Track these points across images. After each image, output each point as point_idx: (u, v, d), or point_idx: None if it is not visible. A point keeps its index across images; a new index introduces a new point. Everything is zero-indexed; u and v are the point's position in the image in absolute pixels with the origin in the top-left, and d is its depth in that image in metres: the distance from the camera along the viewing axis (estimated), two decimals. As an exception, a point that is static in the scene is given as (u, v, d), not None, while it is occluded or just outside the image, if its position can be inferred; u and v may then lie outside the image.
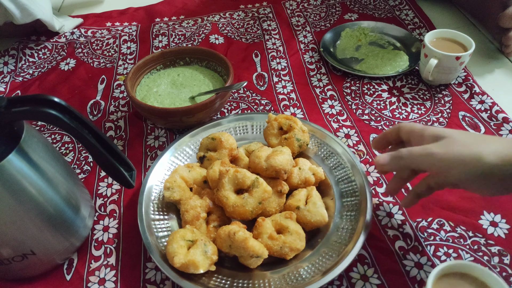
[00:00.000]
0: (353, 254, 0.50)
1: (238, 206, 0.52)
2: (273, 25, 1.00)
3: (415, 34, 0.94)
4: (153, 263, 0.55)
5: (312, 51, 0.91)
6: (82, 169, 0.68)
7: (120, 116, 0.77)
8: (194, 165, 0.62)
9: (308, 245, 0.53)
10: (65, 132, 0.60)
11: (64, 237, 0.52)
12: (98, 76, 0.88)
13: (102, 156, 0.47)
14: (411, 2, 1.04)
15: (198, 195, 0.57)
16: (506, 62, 0.86)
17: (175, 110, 0.65)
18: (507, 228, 0.56)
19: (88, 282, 0.53)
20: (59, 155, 0.54)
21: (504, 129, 0.69)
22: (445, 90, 0.78)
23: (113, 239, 0.58)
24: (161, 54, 0.77)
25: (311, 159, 0.64)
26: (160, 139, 0.72)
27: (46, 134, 0.75)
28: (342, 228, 0.54)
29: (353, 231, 0.53)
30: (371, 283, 0.51)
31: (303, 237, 0.52)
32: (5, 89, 0.86)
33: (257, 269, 0.51)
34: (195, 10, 1.08)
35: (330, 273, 0.48)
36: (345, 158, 0.62)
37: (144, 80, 0.76)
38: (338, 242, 0.53)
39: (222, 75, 0.76)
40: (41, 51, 0.95)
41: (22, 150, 0.44)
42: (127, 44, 0.96)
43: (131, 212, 0.61)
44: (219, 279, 0.50)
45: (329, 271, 0.49)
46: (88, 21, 1.05)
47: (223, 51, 0.93)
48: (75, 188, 0.53)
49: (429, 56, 0.75)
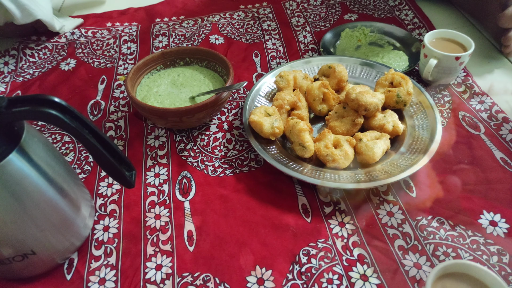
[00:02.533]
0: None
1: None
2: (273, 25, 1.00)
3: (415, 34, 0.94)
4: (153, 263, 0.55)
5: (312, 51, 0.91)
6: (83, 169, 0.68)
7: (120, 116, 0.78)
8: (309, 79, 0.77)
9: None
10: (65, 132, 0.60)
11: (64, 237, 0.52)
12: (98, 76, 0.88)
13: (102, 156, 0.47)
14: (411, 2, 1.04)
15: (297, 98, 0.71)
16: (505, 62, 0.86)
17: (175, 110, 0.65)
18: (507, 228, 0.56)
19: (88, 282, 0.53)
20: (60, 155, 0.54)
21: (504, 129, 0.69)
22: (444, 90, 0.79)
23: (113, 239, 0.58)
24: (161, 54, 0.78)
25: (404, 119, 0.71)
26: (160, 139, 0.72)
27: (46, 134, 0.75)
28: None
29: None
30: (371, 283, 0.52)
31: (349, 158, 0.62)
32: (5, 89, 0.86)
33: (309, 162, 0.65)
34: (195, 10, 1.08)
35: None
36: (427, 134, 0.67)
37: (144, 80, 0.76)
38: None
39: (222, 75, 0.77)
40: (41, 51, 0.95)
41: (23, 150, 0.45)
42: (127, 44, 0.97)
43: (131, 212, 0.61)
44: (282, 156, 0.65)
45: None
46: (88, 21, 1.05)
47: (223, 51, 0.93)
48: (75, 188, 0.54)
49: (428, 56, 0.75)
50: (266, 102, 0.76)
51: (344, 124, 0.68)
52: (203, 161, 0.68)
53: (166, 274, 0.54)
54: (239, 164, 0.68)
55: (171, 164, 0.68)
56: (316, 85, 0.70)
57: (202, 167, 0.67)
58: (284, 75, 0.74)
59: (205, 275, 0.54)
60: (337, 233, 0.57)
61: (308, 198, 0.62)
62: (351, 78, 0.79)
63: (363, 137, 0.64)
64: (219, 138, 0.72)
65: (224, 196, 0.63)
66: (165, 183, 0.65)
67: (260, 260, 0.55)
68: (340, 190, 0.63)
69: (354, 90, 0.67)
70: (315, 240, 0.57)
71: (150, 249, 0.57)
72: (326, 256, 0.55)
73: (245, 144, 0.71)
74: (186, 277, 0.54)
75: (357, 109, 0.66)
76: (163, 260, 0.55)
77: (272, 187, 0.64)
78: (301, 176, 0.60)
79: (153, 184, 0.65)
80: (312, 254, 0.55)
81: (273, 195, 0.63)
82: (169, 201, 0.63)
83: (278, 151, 0.66)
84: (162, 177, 0.66)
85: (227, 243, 0.57)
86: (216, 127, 0.75)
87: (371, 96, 0.65)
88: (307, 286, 0.52)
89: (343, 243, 0.56)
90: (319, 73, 0.77)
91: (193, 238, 0.58)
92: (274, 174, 0.65)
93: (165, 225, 0.59)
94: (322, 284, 0.52)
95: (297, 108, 0.70)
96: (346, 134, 0.67)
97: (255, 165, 0.67)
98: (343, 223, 0.59)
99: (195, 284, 0.53)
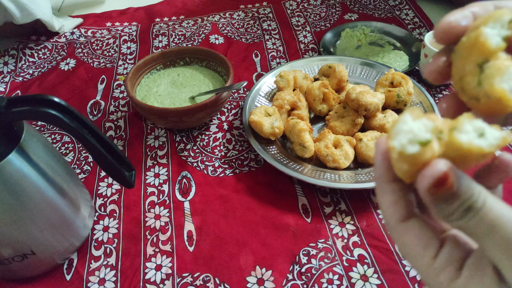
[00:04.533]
0: None
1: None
2: (273, 25, 1.00)
3: (415, 34, 0.94)
4: (153, 263, 0.55)
5: (312, 51, 0.91)
6: (82, 169, 0.68)
7: (120, 116, 0.78)
8: (309, 79, 0.77)
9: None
10: (65, 132, 0.60)
11: (64, 237, 0.52)
12: (98, 76, 0.88)
13: (102, 156, 0.46)
14: (411, 2, 1.04)
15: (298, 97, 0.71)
16: (506, 62, 0.86)
17: (175, 110, 0.65)
18: None
19: (88, 282, 0.53)
20: (59, 155, 0.54)
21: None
22: (445, 90, 0.78)
23: (113, 239, 0.58)
24: (161, 54, 0.77)
25: None
26: (160, 139, 0.72)
27: (46, 134, 0.75)
28: None
29: None
30: (371, 283, 0.51)
31: (349, 158, 0.62)
32: (5, 89, 0.86)
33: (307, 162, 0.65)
34: (195, 10, 1.08)
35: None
36: None
37: (144, 80, 0.76)
38: None
39: (222, 75, 0.76)
40: (41, 51, 0.95)
41: (22, 150, 0.44)
42: (127, 44, 0.96)
43: (131, 212, 0.61)
44: (282, 156, 0.65)
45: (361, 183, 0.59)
46: (88, 21, 1.05)
47: (223, 51, 0.93)
48: (75, 188, 0.53)
49: (429, 56, 0.75)
50: (266, 102, 0.76)
51: (344, 124, 0.68)
52: (203, 161, 0.68)
53: (166, 275, 0.54)
54: (239, 164, 0.68)
55: (171, 164, 0.68)
56: (316, 85, 0.70)
57: (202, 167, 0.67)
58: (284, 75, 0.74)
59: (205, 276, 0.53)
60: (337, 233, 0.57)
61: (308, 198, 0.62)
62: (351, 78, 0.79)
63: (363, 137, 0.64)
64: (219, 138, 0.72)
65: (224, 196, 0.63)
66: (165, 183, 0.65)
67: (260, 260, 0.54)
68: (341, 190, 0.62)
69: (354, 90, 0.66)
70: (315, 240, 0.56)
71: (150, 249, 0.57)
72: (326, 257, 0.54)
73: (245, 144, 0.71)
74: (186, 277, 0.53)
75: (357, 109, 0.66)
76: (163, 261, 0.55)
77: (272, 187, 0.64)
78: (301, 176, 0.60)
79: (153, 184, 0.65)
80: (312, 254, 0.55)
81: (273, 195, 0.62)
82: (169, 201, 0.62)
83: (278, 151, 0.66)
84: (162, 177, 0.66)
85: (227, 243, 0.57)
86: (216, 127, 0.74)
87: (371, 96, 0.65)
88: (307, 286, 0.52)
89: (343, 243, 0.56)
90: (319, 73, 0.77)
91: (193, 238, 0.58)
92: (274, 174, 0.65)
93: (165, 225, 0.59)
94: (322, 285, 0.52)
95: (297, 108, 0.70)
96: (346, 134, 0.67)
97: (255, 165, 0.67)
98: (343, 223, 0.58)
99: (195, 284, 0.53)
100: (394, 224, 0.24)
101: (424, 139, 0.20)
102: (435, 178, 0.20)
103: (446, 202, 0.21)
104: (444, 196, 0.21)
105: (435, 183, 0.20)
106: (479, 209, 0.21)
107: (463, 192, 0.21)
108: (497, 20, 0.22)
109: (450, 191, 0.20)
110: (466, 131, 0.21)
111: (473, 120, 0.21)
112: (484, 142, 0.20)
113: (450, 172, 0.20)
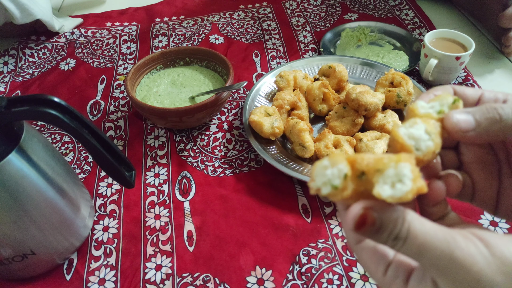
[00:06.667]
0: None
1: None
2: (273, 25, 1.00)
3: (415, 34, 0.94)
4: (153, 263, 0.55)
5: (312, 51, 0.91)
6: (82, 169, 0.68)
7: (120, 116, 0.78)
8: (309, 79, 0.77)
9: None
10: (65, 132, 0.60)
11: (64, 237, 0.52)
12: (98, 76, 0.88)
13: (102, 156, 0.46)
14: (411, 2, 1.04)
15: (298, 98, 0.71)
16: (506, 62, 0.86)
17: (175, 110, 0.65)
18: (507, 228, 0.56)
19: (88, 282, 0.53)
20: (59, 155, 0.54)
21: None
22: (445, 90, 0.78)
23: (113, 239, 0.58)
24: (161, 54, 0.77)
25: (405, 119, 0.71)
26: (160, 139, 0.72)
27: (46, 134, 0.75)
28: None
29: None
30: (371, 283, 0.51)
31: None
32: (5, 89, 0.86)
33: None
34: (195, 10, 1.08)
35: None
36: None
37: (144, 80, 0.76)
38: None
39: (222, 75, 0.76)
40: (41, 51, 0.95)
41: (22, 150, 0.44)
42: (127, 44, 0.96)
43: (131, 212, 0.61)
44: (282, 156, 0.65)
45: None
46: (88, 21, 1.05)
47: (223, 51, 0.93)
48: (75, 188, 0.53)
49: (429, 56, 0.75)
50: (266, 102, 0.76)
51: (344, 124, 0.68)
52: (203, 161, 0.68)
53: (166, 275, 0.54)
54: (239, 164, 0.68)
55: (171, 164, 0.68)
56: (316, 85, 0.70)
57: (202, 167, 0.67)
58: (284, 75, 0.74)
59: (205, 276, 0.53)
60: (338, 233, 0.57)
61: (308, 198, 0.62)
62: (351, 78, 0.79)
63: (363, 137, 0.64)
64: (219, 138, 0.72)
65: (224, 196, 0.63)
66: (165, 183, 0.65)
67: (260, 261, 0.54)
68: None
69: (354, 90, 0.66)
70: (315, 240, 0.56)
71: (150, 249, 0.57)
72: (326, 257, 0.54)
73: (245, 144, 0.71)
74: (186, 277, 0.53)
75: (357, 109, 0.66)
76: (163, 260, 0.55)
77: (272, 187, 0.64)
78: (301, 176, 0.60)
79: (153, 184, 0.65)
80: (312, 254, 0.55)
81: (273, 195, 0.62)
82: (169, 201, 0.62)
83: (278, 151, 0.66)
84: (162, 177, 0.66)
85: (227, 243, 0.57)
86: (216, 127, 0.74)
87: (371, 96, 0.65)
88: (307, 286, 0.52)
89: (343, 243, 0.56)
90: (319, 73, 0.77)
91: (193, 238, 0.58)
92: (274, 174, 0.65)
93: (165, 225, 0.59)
94: (322, 285, 0.52)
95: (297, 108, 0.70)
96: (346, 134, 0.67)
97: (255, 165, 0.67)
98: (343, 223, 0.58)
99: (195, 284, 0.53)
100: (353, 246, 0.28)
101: (335, 184, 0.24)
102: (355, 221, 0.23)
103: (375, 235, 0.24)
104: (371, 231, 0.23)
105: (357, 225, 0.23)
106: (405, 238, 0.23)
107: (386, 225, 0.23)
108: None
109: (374, 227, 0.23)
110: (384, 180, 0.23)
111: (402, 164, 0.23)
112: (395, 192, 0.22)
113: (367, 212, 0.23)
